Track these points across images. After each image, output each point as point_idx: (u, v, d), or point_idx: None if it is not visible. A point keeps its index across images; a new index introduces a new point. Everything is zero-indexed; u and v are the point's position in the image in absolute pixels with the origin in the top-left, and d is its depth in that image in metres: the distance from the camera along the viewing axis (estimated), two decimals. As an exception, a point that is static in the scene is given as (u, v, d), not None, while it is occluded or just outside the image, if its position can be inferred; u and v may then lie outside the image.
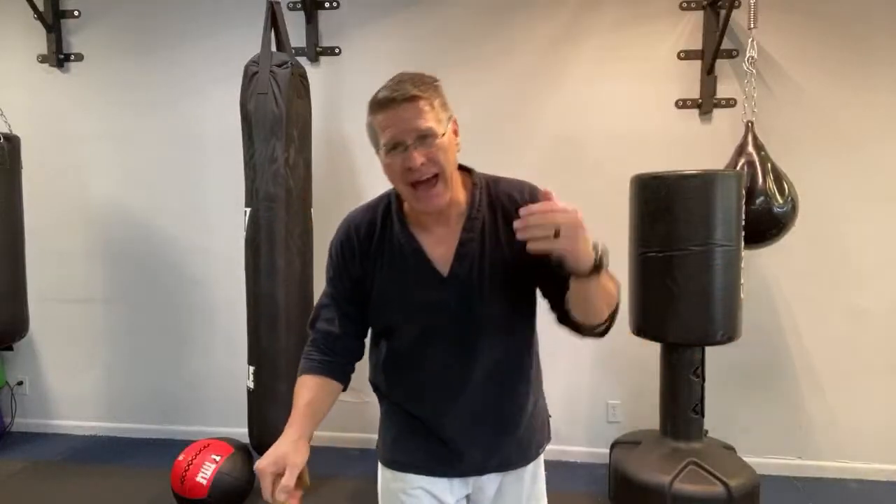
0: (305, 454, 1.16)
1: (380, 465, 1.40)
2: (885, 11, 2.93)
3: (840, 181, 2.98)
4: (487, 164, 3.48)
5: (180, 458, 2.65)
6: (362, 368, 1.41)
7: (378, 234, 1.29)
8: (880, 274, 3.00)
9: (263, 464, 1.12)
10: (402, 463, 1.35)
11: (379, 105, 1.21)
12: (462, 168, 1.30)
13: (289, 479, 1.10)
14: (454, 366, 1.27)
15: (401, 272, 1.26)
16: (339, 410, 3.80)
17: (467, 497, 1.38)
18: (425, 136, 1.15)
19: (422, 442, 1.32)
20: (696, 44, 3.05)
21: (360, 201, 1.41)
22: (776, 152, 2.70)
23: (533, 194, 1.28)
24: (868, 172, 2.98)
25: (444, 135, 1.17)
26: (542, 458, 1.41)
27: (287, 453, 1.13)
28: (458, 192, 1.25)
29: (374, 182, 3.72)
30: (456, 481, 1.34)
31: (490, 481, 1.35)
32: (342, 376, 1.33)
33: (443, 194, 1.18)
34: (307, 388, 1.27)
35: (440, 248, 1.24)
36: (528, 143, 3.20)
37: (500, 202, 1.28)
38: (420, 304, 1.25)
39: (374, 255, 1.28)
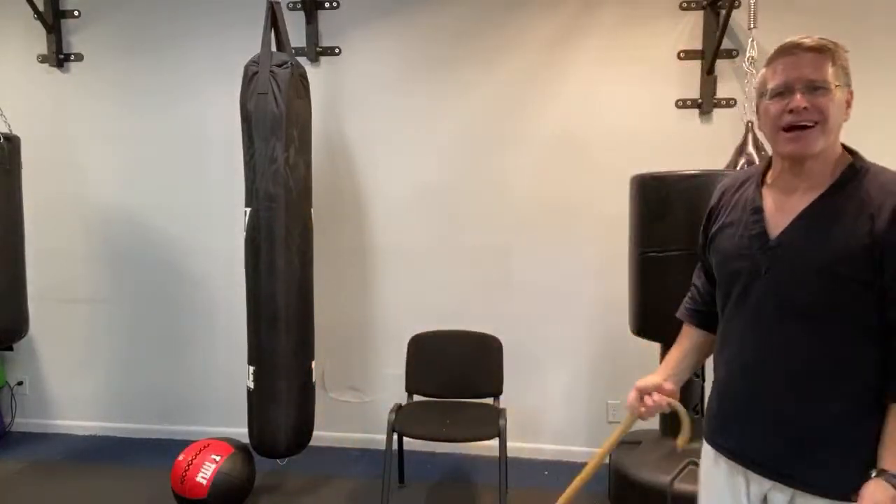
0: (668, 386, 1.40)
1: None
2: (884, 12, 2.94)
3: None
4: (487, 164, 3.49)
5: (180, 458, 2.65)
6: (356, 367, 1.41)
7: (735, 191, 1.34)
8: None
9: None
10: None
11: (781, 51, 1.20)
12: (847, 150, 1.23)
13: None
14: (752, 341, 1.24)
15: (734, 225, 1.30)
16: (339, 410, 3.81)
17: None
18: (816, 87, 1.15)
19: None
20: (696, 44, 3.05)
21: (360, 201, 1.41)
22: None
23: None
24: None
25: (836, 90, 1.15)
26: None
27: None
28: (830, 165, 1.19)
29: (374, 182, 3.75)
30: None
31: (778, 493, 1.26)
32: (708, 323, 1.43)
33: (815, 139, 1.15)
34: (678, 339, 1.48)
35: (782, 214, 1.22)
36: (529, 142, 3.20)
37: (872, 193, 1.15)
38: (738, 262, 1.26)
39: (723, 208, 1.35)
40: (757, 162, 2.65)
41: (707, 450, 1.39)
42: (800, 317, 1.18)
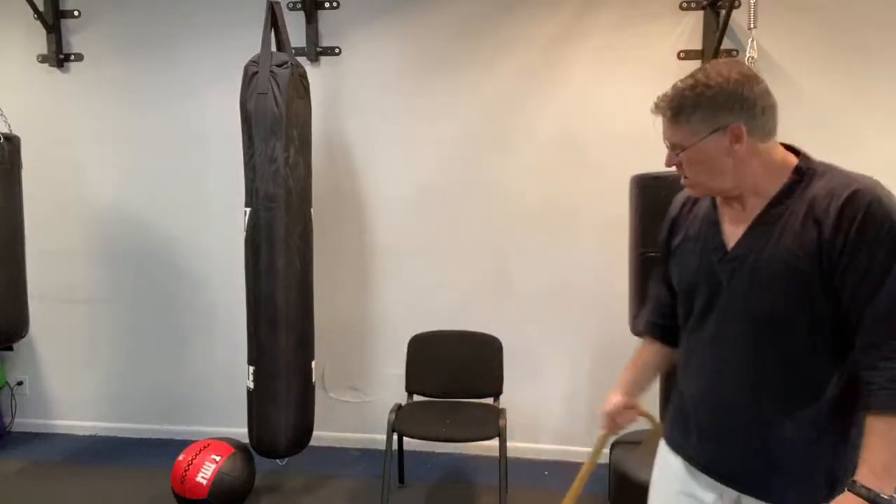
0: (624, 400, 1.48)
1: None
2: (884, 12, 2.93)
3: (840, 181, 2.98)
4: (487, 164, 3.48)
5: (180, 458, 2.65)
6: (356, 367, 1.41)
7: (693, 203, 1.37)
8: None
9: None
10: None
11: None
12: (793, 151, 1.26)
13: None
14: (715, 352, 1.25)
15: (693, 239, 1.32)
16: (339, 410, 3.81)
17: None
18: (674, 147, 1.24)
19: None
20: (696, 44, 3.05)
21: (360, 201, 1.42)
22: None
23: (851, 202, 1.10)
24: (868, 171, 2.96)
25: (700, 143, 1.19)
26: None
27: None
28: (765, 184, 1.19)
29: (374, 182, 3.75)
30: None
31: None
32: (669, 337, 1.44)
33: (700, 191, 1.26)
34: (638, 353, 1.52)
35: (737, 226, 1.23)
36: (529, 143, 3.20)
37: (818, 197, 1.14)
38: (698, 275, 1.27)
39: (683, 220, 1.38)
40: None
41: (669, 452, 1.39)
42: (761, 329, 1.17)
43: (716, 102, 1.18)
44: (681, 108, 1.20)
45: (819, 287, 1.10)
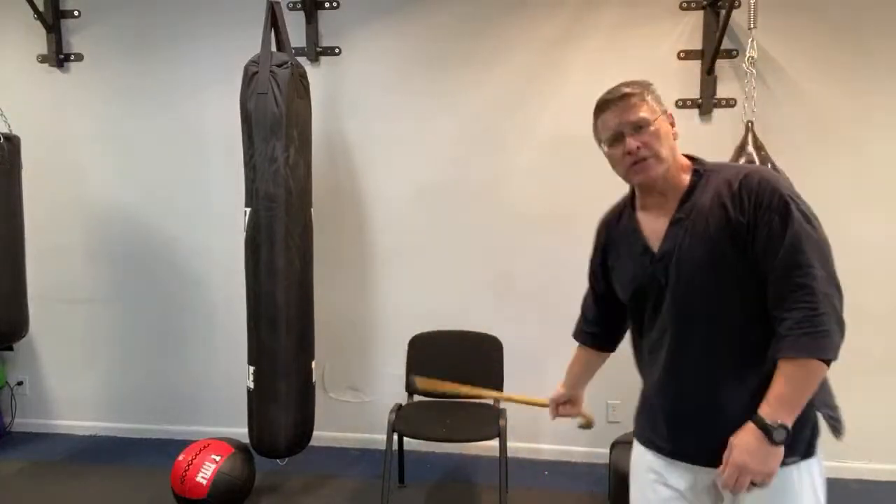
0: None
1: None
2: (884, 12, 2.93)
3: (840, 181, 2.98)
4: (487, 164, 3.48)
5: (180, 458, 2.65)
6: (356, 367, 1.41)
7: (617, 222, 1.51)
8: (880, 273, 3.00)
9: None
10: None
11: (599, 107, 1.38)
12: (689, 157, 1.40)
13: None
14: (669, 343, 1.35)
15: (624, 252, 1.45)
16: (339, 410, 3.81)
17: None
18: (639, 126, 1.31)
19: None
20: (696, 44, 3.05)
21: (360, 201, 1.43)
22: (776, 152, 2.70)
23: (743, 184, 1.27)
24: (868, 172, 2.98)
25: (656, 121, 1.32)
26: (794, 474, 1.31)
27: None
28: (679, 178, 1.36)
29: (374, 182, 3.74)
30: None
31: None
32: (605, 343, 1.69)
33: (654, 167, 1.32)
34: (575, 356, 1.74)
35: (656, 229, 1.37)
36: (528, 143, 3.20)
37: (718, 188, 1.30)
38: (638, 281, 1.40)
39: (611, 244, 1.52)
40: (757, 162, 2.65)
41: (638, 446, 1.50)
42: (702, 316, 1.30)
43: (654, 94, 1.37)
44: (641, 90, 1.35)
45: (737, 262, 1.25)
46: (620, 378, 3.16)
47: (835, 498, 2.81)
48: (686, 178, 1.35)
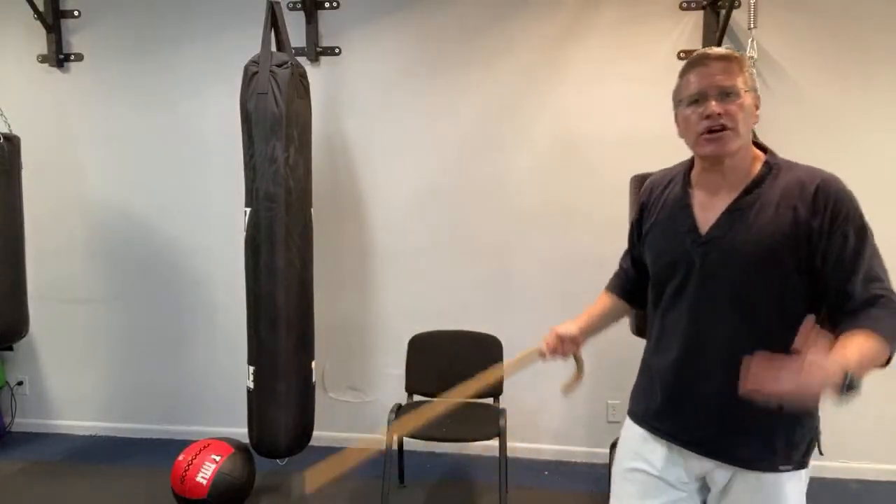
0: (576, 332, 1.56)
1: None
2: (884, 11, 2.93)
3: (840, 181, 2.98)
4: (487, 164, 3.48)
5: (180, 458, 2.65)
6: (356, 367, 1.41)
7: (663, 188, 1.44)
8: (880, 274, 2.99)
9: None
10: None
11: (693, 61, 1.30)
12: (760, 147, 1.34)
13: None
14: (690, 328, 1.32)
15: (664, 222, 1.39)
16: (339, 410, 3.80)
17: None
18: (728, 93, 1.24)
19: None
20: (696, 44, 3.05)
21: (360, 201, 1.43)
22: (776, 151, 2.70)
23: (821, 189, 1.23)
24: (868, 171, 2.96)
25: (746, 95, 1.26)
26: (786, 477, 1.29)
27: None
28: (747, 163, 1.30)
29: (374, 182, 3.74)
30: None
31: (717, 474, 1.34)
32: (631, 300, 1.61)
33: (730, 141, 1.25)
34: (600, 299, 1.66)
35: (709, 211, 1.31)
36: (528, 143, 3.20)
37: (788, 186, 1.26)
38: (672, 255, 1.35)
39: (654, 205, 1.44)
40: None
41: (631, 425, 1.48)
42: (734, 306, 1.26)
43: (752, 72, 1.31)
44: (740, 59, 1.28)
45: (793, 266, 1.22)
46: (620, 378, 3.16)
47: (835, 498, 2.83)
48: (755, 167, 1.29)
